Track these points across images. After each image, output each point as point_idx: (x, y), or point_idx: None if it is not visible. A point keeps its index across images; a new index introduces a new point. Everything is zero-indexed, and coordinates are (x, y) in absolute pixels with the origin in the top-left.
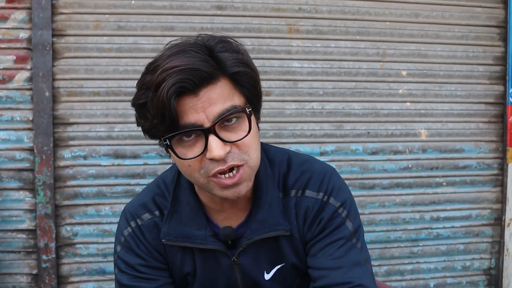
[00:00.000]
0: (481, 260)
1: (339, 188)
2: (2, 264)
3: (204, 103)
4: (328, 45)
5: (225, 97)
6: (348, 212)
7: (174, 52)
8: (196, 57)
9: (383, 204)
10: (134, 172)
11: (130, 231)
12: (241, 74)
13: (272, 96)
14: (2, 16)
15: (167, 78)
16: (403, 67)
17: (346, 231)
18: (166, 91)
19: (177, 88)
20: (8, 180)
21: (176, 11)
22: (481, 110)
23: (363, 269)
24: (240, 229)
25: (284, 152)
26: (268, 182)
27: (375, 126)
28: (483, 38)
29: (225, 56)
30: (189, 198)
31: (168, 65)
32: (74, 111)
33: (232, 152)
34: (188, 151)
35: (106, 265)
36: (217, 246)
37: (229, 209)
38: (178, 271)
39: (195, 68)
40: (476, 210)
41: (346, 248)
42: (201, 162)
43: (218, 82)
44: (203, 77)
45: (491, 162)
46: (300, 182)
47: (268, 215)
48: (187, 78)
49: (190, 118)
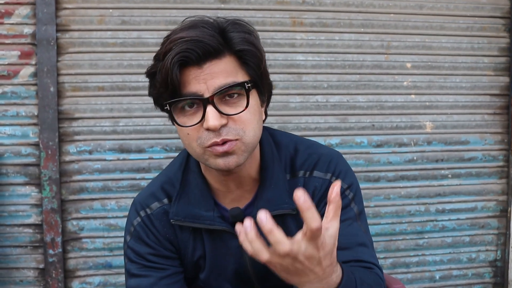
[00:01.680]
0: (487, 252)
1: (346, 171)
2: (9, 259)
3: (206, 75)
4: (332, 37)
5: (229, 72)
6: (354, 195)
7: (186, 27)
8: (204, 32)
9: (388, 197)
10: (140, 167)
11: (139, 220)
12: (246, 52)
13: (276, 89)
14: (6, 12)
15: (173, 47)
16: (408, 59)
17: (351, 213)
18: (170, 60)
19: (181, 57)
20: (14, 175)
21: (180, 5)
22: (486, 101)
23: (369, 250)
24: (247, 210)
25: (291, 136)
26: (274, 163)
27: (380, 118)
28: (488, 29)
29: (233, 35)
30: (198, 181)
31: (176, 36)
32: (79, 106)
33: (228, 126)
34: (188, 119)
35: (112, 259)
36: (225, 226)
37: (236, 190)
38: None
39: (200, 40)
40: (482, 202)
41: (352, 229)
42: (198, 132)
43: (223, 58)
44: (207, 50)
45: (496, 154)
46: (308, 163)
47: (274, 195)
48: (191, 48)
49: (192, 87)
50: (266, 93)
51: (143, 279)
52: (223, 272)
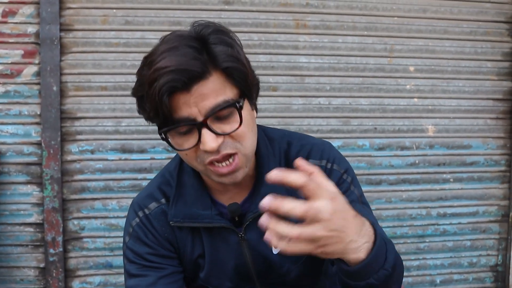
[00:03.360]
0: (488, 257)
1: (340, 157)
2: (10, 258)
3: (196, 98)
4: (336, 40)
5: (217, 91)
6: (352, 179)
7: (167, 49)
8: (188, 55)
9: (390, 200)
10: (141, 167)
11: (138, 221)
12: (231, 69)
13: (279, 91)
14: (11, 11)
15: (158, 78)
16: (411, 63)
17: (353, 195)
18: (158, 90)
19: (168, 88)
20: (16, 174)
21: (183, 5)
22: (489, 106)
23: (378, 227)
24: (245, 205)
25: (282, 131)
26: (269, 159)
27: (382, 121)
28: (491, 34)
29: (217, 49)
30: (193, 181)
31: (159, 65)
32: (81, 106)
33: (225, 142)
34: (184, 141)
35: (113, 259)
36: (224, 223)
37: (233, 189)
38: (189, 255)
39: (184, 68)
40: (483, 206)
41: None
42: (196, 152)
43: (210, 77)
44: (193, 76)
45: (498, 158)
46: (302, 153)
47: (271, 189)
48: (178, 78)
49: (184, 112)
50: (255, 93)
51: (142, 279)
52: (223, 270)
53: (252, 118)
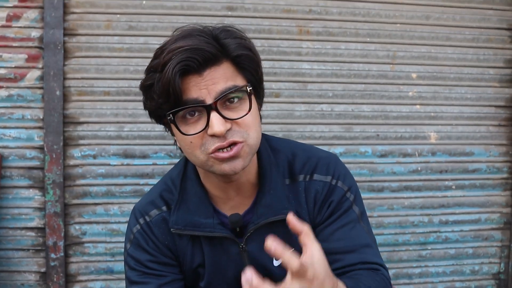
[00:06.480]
0: (490, 265)
1: (345, 173)
2: (11, 262)
3: (207, 81)
4: (338, 47)
5: (228, 77)
6: (355, 197)
7: (180, 36)
8: (201, 40)
9: (392, 207)
10: (143, 172)
11: (139, 228)
12: (243, 57)
13: (281, 97)
14: (15, 15)
15: (173, 57)
16: (413, 70)
17: (353, 215)
18: (171, 69)
19: (182, 66)
20: (18, 178)
21: (187, 11)
22: (491, 113)
23: (374, 250)
24: (246, 216)
25: (287, 141)
26: (272, 169)
27: (385, 128)
28: (494, 41)
29: (228, 41)
30: (196, 189)
31: (174, 46)
32: (84, 110)
33: (233, 130)
34: (190, 128)
35: (114, 265)
36: (225, 233)
37: (235, 197)
38: (189, 263)
39: (199, 48)
40: (486, 214)
41: (356, 231)
42: (202, 139)
43: (221, 64)
44: (207, 57)
45: (501, 165)
46: (308, 167)
47: (273, 200)
48: (192, 57)
49: (193, 94)
50: (262, 92)
51: (143, 286)
52: (223, 280)
53: (258, 114)
